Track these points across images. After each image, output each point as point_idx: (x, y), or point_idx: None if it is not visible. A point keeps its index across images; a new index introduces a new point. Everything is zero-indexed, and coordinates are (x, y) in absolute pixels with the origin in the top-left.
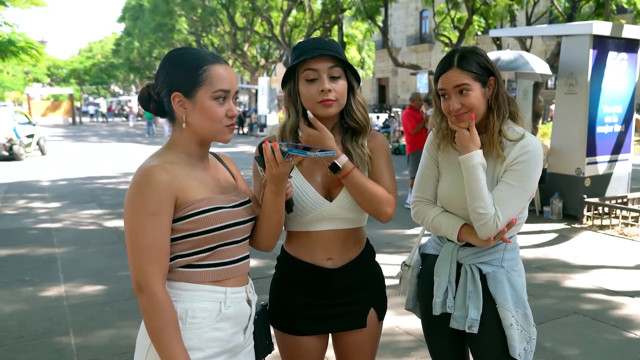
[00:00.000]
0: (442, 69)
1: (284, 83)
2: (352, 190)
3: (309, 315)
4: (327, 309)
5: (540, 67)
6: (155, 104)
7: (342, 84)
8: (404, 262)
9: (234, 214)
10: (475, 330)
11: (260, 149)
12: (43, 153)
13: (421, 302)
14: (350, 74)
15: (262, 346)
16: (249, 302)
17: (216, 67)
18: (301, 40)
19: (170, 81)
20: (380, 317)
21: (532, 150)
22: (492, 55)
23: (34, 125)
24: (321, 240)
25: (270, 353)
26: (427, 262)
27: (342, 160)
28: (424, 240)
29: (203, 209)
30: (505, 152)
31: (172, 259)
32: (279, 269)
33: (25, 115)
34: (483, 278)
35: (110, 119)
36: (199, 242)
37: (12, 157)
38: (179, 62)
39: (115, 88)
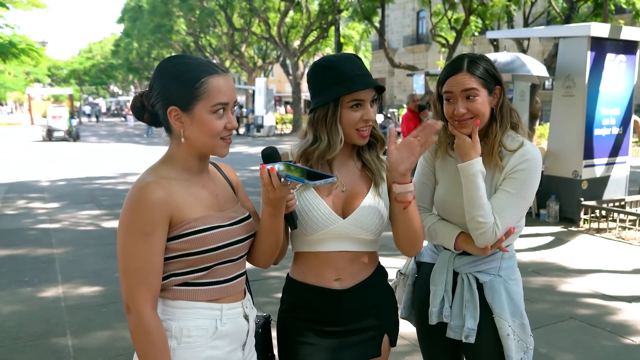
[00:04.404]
0: (450, 72)
1: (317, 106)
2: (408, 221)
3: (320, 345)
4: (340, 336)
5: (537, 69)
6: (149, 114)
7: (375, 109)
8: (399, 270)
9: (231, 233)
10: (472, 340)
11: (265, 156)
12: (78, 137)
13: (417, 311)
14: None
15: (264, 359)
16: (246, 317)
17: (214, 79)
18: (329, 59)
19: (166, 94)
20: (393, 342)
21: (532, 159)
22: (489, 57)
23: (74, 118)
24: (330, 261)
25: None
26: (423, 270)
27: (411, 187)
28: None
29: (198, 228)
30: (504, 160)
31: (166, 278)
32: (284, 300)
33: (69, 111)
34: (480, 287)
35: (97, 119)
36: (194, 261)
37: (68, 139)
38: (175, 74)
39: (114, 88)
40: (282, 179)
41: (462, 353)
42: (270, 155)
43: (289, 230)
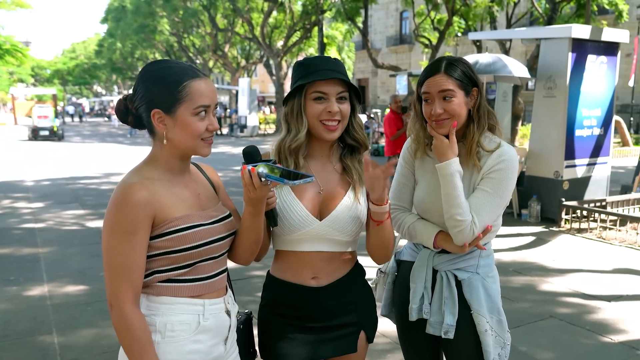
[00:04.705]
0: (428, 74)
1: (287, 99)
2: (380, 235)
3: (298, 340)
4: (318, 332)
5: (519, 70)
6: (133, 117)
7: (347, 107)
8: (379, 269)
9: (212, 231)
10: (451, 335)
11: (245, 155)
12: (62, 137)
13: (397, 308)
14: (354, 95)
15: (245, 353)
16: (227, 313)
17: (196, 82)
18: (305, 57)
19: (149, 97)
20: (370, 339)
21: (508, 159)
22: (471, 58)
23: (58, 118)
24: (307, 260)
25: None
26: (403, 268)
27: (387, 208)
28: (400, 245)
29: (181, 227)
30: (482, 161)
31: (149, 275)
32: (264, 296)
33: (55, 111)
34: (458, 284)
35: (80, 119)
36: (177, 259)
37: (53, 138)
38: (158, 78)
39: (97, 88)
40: (263, 179)
41: (441, 349)
42: (251, 154)
43: (270, 229)
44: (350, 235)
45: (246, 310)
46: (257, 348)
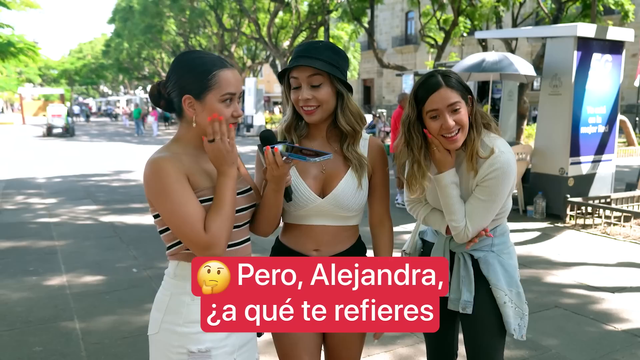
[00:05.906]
0: (429, 90)
1: (281, 83)
2: None
3: None
4: None
5: (525, 68)
6: (165, 101)
7: (324, 92)
8: (403, 250)
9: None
10: (469, 311)
11: (262, 139)
12: (74, 134)
13: None
14: (337, 80)
15: None
16: None
17: (224, 72)
18: (300, 43)
19: (181, 84)
20: None
21: (500, 167)
22: (477, 56)
23: (69, 115)
24: (312, 233)
25: None
26: (427, 247)
27: None
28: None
29: (208, 197)
30: (478, 164)
31: (179, 242)
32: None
33: (67, 109)
34: (475, 262)
35: (87, 119)
36: None
37: (66, 135)
38: (190, 67)
39: (104, 88)
40: (285, 158)
41: (457, 324)
42: (267, 138)
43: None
44: (352, 211)
45: None
46: None
